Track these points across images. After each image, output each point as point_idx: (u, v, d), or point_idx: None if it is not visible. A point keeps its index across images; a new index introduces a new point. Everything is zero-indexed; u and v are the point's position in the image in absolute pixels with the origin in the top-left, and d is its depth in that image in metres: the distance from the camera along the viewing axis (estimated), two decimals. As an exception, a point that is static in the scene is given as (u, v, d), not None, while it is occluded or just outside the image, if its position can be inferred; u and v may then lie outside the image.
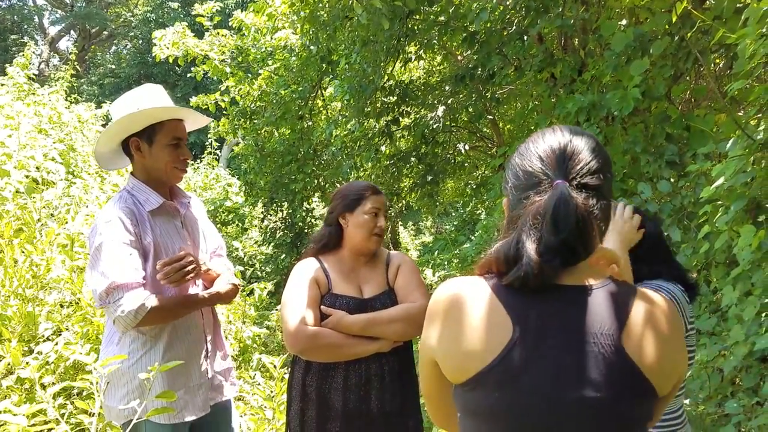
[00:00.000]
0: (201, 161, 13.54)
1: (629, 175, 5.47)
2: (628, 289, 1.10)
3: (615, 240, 1.68)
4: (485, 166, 8.32)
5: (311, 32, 6.66)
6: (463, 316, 1.07)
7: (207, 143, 13.70)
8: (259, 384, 4.32)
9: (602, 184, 1.09)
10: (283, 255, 10.34)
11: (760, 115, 3.04)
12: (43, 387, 2.38)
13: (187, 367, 2.13)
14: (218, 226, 10.43)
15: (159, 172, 2.18)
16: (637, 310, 1.06)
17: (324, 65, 8.03)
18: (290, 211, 9.88)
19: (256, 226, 11.21)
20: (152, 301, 1.96)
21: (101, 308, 1.99)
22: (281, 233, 10.34)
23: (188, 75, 10.24)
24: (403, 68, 8.07)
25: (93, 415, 2.20)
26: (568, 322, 1.05)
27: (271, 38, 8.37)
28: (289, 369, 2.21)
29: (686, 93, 5.15)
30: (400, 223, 13.75)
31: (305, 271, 2.15)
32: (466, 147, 8.10)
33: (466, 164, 8.50)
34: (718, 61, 5.09)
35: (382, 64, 6.41)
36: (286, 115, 8.77)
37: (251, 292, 6.37)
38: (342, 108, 8.43)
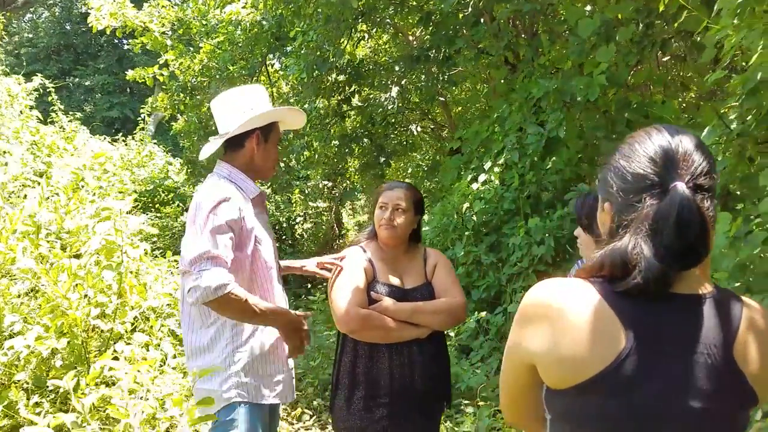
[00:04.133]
0: (133, 138, 12.92)
1: (583, 160, 5.59)
2: (736, 299, 1.09)
3: None
4: (435, 148, 8.34)
5: (269, 6, 6.42)
6: (572, 320, 1.03)
7: (139, 118, 13.10)
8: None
9: (714, 185, 1.06)
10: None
11: (735, 103, 3.12)
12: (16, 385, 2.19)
13: (281, 353, 2.25)
14: (156, 206, 10.00)
15: (263, 167, 2.30)
16: (746, 321, 1.06)
17: (274, 41, 7.79)
18: (236, 190, 9.56)
19: (195, 206, 10.80)
20: (235, 287, 1.95)
21: (182, 273, 2.01)
22: (225, 214, 9.98)
23: (109, 46, 9.68)
24: (355, 47, 7.93)
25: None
26: (683, 332, 1.03)
27: (221, 12, 8.03)
28: (336, 359, 2.40)
29: (643, 80, 5.28)
30: (340, 204, 13.65)
31: (354, 258, 2.35)
32: (418, 128, 8.08)
33: (421, 145, 8.48)
34: (675, 49, 5.23)
35: (341, 40, 6.27)
36: (232, 91, 8.46)
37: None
38: (293, 87, 8.22)
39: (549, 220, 5.01)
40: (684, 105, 5.67)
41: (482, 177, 5.57)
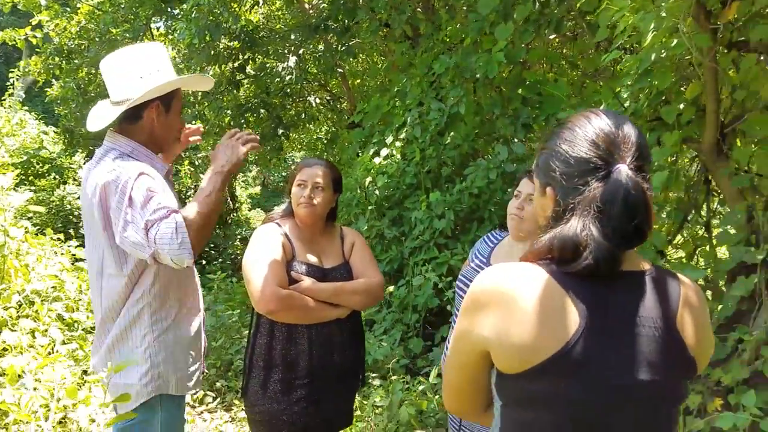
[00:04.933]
0: (1, 104, 11.78)
1: (480, 135, 5.74)
2: (671, 276, 1.14)
3: None
4: (333, 120, 8.24)
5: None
6: (525, 304, 1.03)
7: (8, 83, 11.98)
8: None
9: (649, 166, 1.10)
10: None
11: (629, 83, 3.27)
12: None
13: (199, 339, 2.16)
14: (30, 178, 9.23)
15: (166, 140, 2.06)
16: (683, 297, 1.11)
17: (160, 3, 7.33)
18: (120, 162, 8.95)
19: (73, 179, 10.07)
20: (182, 217, 1.79)
21: (151, 258, 1.79)
22: (109, 187, 9.34)
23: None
24: (249, 11, 7.63)
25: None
26: (631, 308, 1.06)
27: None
28: (249, 341, 2.28)
29: (537, 58, 5.45)
30: (234, 176, 13.22)
31: (271, 235, 2.23)
32: (317, 100, 7.93)
33: (319, 118, 8.33)
34: (566, 29, 5.42)
35: (235, 4, 6.00)
36: (114, 56, 7.91)
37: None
38: (181, 51, 7.80)
39: (449, 194, 5.11)
40: (572, 83, 5.92)
41: (384, 151, 5.57)
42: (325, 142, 8.08)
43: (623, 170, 1.03)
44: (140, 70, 1.95)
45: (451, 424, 2.18)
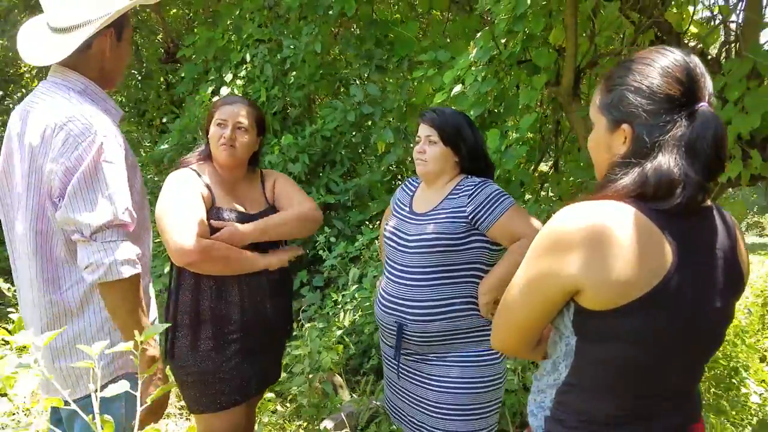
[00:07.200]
0: None
1: (323, 76, 5.58)
2: (720, 206, 1.21)
3: None
4: (148, 54, 7.42)
5: None
6: (621, 240, 1.03)
7: None
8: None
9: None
10: None
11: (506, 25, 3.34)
12: None
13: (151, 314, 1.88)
14: None
15: (114, 74, 1.74)
16: (736, 224, 1.20)
17: None
18: None
19: None
20: (133, 252, 1.56)
21: (83, 240, 1.51)
22: None
23: None
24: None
25: None
26: (709, 241, 1.12)
27: None
28: (172, 298, 2.05)
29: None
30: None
31: (188, 181, 2.02)
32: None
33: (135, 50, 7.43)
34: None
35: None
36: None
37: None
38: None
39: (300, 137, 4.94)
40: (422, 27, 5.95)
41: (224, 90, 5.18)
42: (139, 78, 7.27)
43: (707, 107, 1.07)
44: None
45: (387, 363, 2.15)
